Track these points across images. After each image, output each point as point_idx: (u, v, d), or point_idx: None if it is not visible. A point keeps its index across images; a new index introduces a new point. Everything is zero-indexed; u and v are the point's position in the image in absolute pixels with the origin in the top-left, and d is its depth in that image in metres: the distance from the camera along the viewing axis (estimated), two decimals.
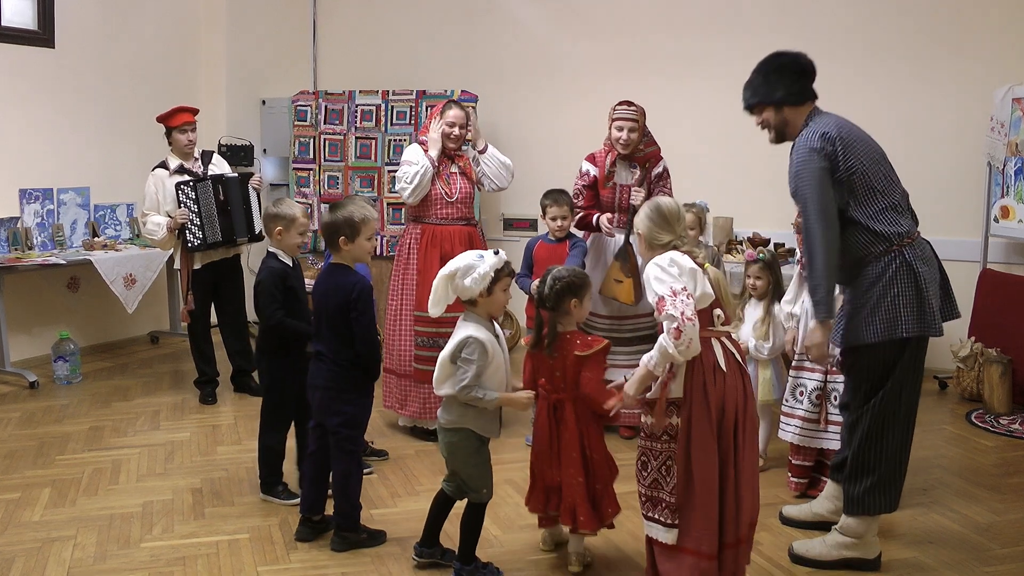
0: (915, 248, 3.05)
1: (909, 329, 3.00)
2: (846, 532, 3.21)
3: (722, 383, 2.76)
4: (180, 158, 5.18)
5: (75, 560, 3.27)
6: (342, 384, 3.32)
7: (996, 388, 5.04)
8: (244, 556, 3.31)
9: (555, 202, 4.46)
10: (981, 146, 5.57)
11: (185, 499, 3.84)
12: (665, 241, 2.88)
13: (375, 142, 6.69)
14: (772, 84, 3.19)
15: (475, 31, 7.17)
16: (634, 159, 4.48)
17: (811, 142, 3.04)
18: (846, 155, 3.02)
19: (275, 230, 3.69)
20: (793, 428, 3.85)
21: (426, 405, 4.52)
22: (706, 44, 6.42)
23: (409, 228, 4.60)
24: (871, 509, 3.14)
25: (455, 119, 4.47)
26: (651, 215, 2.92)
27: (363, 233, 3.32)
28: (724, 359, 2.78)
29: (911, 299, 3.00)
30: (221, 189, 5.07)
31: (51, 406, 5.16)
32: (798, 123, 3.18)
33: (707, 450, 2.75)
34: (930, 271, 3.06)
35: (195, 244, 5.05)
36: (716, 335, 2.81)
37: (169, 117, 5.14)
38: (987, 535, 3.52)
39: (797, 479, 3.90)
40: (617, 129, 4.43)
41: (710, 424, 2.75)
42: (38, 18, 6.00)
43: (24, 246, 5.71)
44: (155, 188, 5.11)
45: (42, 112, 6.03)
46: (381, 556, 3.31)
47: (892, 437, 3.10)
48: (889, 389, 3.06)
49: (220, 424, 4.86)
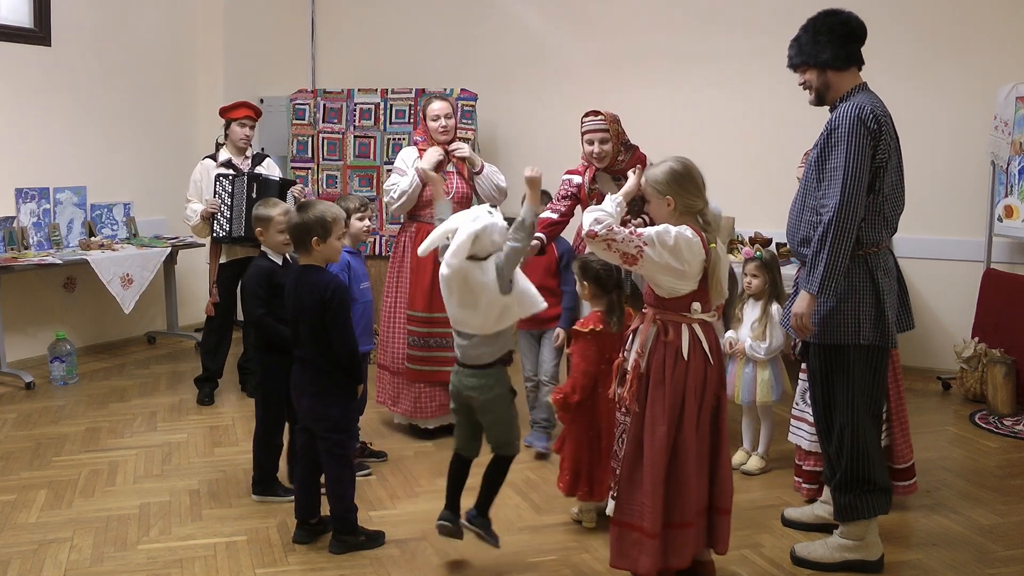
0: (879, 258, 3.03)
1: (865, 337, 3.00)
2: (847, 535, 3.19)
3: (683, 370, 2.80)
4: (232, 153, 5.25)
5: (71, 562, 3.24)
6: (326, 388, 3.30)
7: (1000, 389, 5.02)
8: (242, 558, 3.29)
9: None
10: (984, 145, 5.54)
11: (182, 501, 3.81)
12: (701, 207, 2.82)
13: (374, 141, 6.65)
14: (819, 45, 3.06)
15: (474, 29, 7.15)
16: (614, 171, 4.01)
17: (862, 113, 2.92)
18: (881, 146, 2.94)
19: (257, 230, 3.78)
20: (804, 433, 3.79)
21: (417, 404, 4.51)
22: (706, 42, 6.40)
23: (405, 226, 4.58)
24: (865, 512, 3.14)
25: (439, 111, 4.45)
26: (679, 177, 2.79)
27: (334, 232, 3.31)
28: (689, 346, 2.80)
29: (870, 308, 3.00)
30: (256, 187, 5.08)
31: (47, 407, 5.13)
32: (841, 88, 3.07)
33: (656, 431, 2.79)
34: (889, 282, 3.05)
35: (219, 235, 5.09)
36: (688, 321, 2.82)
37: (231, 110, 5.25)
38: (990, 537, 3.50)
39: (808, 484, 3.80)
40: (588, 143, 3.96)
41: (663, 406, 2.79)
42: (34, 16, 5.97)
43: (20, 246, 5.68)
44: (199, 176, 5.21)
45: (38, 111, 5.99)
46: (380, 558, 3.29)
47: (871, 445, 3.10)
48: (855, 396, 3.06)
49: (218, 425, 4.83)
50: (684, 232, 2.75)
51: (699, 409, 2.84)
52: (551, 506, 3.77)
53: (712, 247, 2.78)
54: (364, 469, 4.09)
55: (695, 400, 2.82)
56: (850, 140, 2.91)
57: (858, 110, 2.94)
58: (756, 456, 4.19)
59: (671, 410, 2.80)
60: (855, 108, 2.94)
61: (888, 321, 3.03)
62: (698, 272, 2.78)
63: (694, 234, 2.76)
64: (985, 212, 5.63)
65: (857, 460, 3.10)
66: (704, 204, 2.82)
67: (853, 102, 2.98)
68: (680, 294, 2.80)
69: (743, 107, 6.23)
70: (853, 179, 2.90)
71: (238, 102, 5.30)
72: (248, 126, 5.24)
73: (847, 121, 2.93)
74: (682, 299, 2.80)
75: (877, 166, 2.95)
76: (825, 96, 3.12)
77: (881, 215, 3.01)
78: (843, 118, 2.95)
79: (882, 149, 2.94)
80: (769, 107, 6.14)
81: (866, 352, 3.05)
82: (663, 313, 2.84)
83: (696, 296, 2.81)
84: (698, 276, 2.79)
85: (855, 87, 3.07)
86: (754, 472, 4.13)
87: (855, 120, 2.92)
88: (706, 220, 2.82)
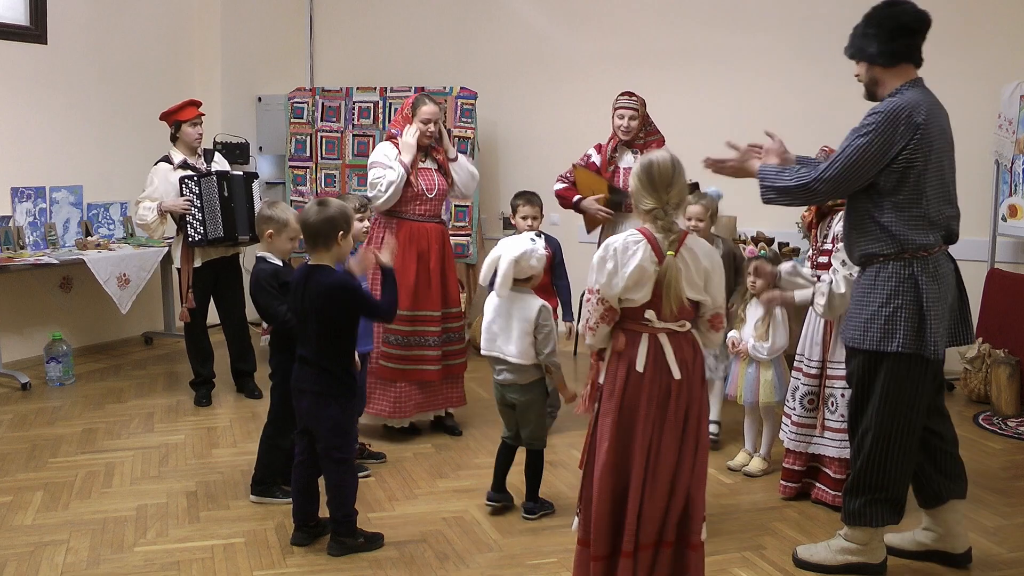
0: (927, 263, 2.91)
1: (905, 345, 2.89)
2: (851, 538, 3.14)
3: (636, 383, 2.61)
4: (186, 153, 5.14)
5: (68, 565, 3.22)
6: (328, 388, 3.27)
7: (1004, 390, 4.99)
8: (240, 560, 3.26)
9: (527, 202, 4.54)
10: (988, 144, 5.51)
11: (180, 502, 3.78)
12: (648, 207, 2.62)
13: (373, 139, 6.61)
14: (867, 38, 2.96)
15: (474, 27, 7.12)
16: (635, 146, 4.71)
17: (900, 112, 2.83)
18: (916, 147, 2.84)
19: (266, 232, 3.67)
20: (787, 430, 3.80)
21: (397, 403, 4.45)
22: (706, 40, 6.37)
23: (383, 222, 4.50)
24: (873, 521, 3.07)
25: (430, 115, 4.41)
26: (640, 172, 2.64)
27: (352, 226, 3.33)
28: (647, 358, 2.61)
29: (912, 315, 2.89)
30: (226, 186, 5.03)
31: (43, 408, 5.09)
32: (890, 85, 2.95)
33: (600, 446, 2.65)
34: (938, 289, 2.91)
35: (195, 239, 5.00)
36: (650, 331, 2.63)
37: (179, 111, 5.13)
38: (995, 539, 3.47)
39: (786, 482, 3.81)
40: (619, 117, 4.68)
41: (610, 420, 2.63)
42: (30, 14, 5.93)
43: (16, 245, 5.64)
44: (157, 182, 5.07)
45: (34, 109, 5.96)
46: (379, 560, 3.26)
47: (895, 456, 3.01)
48: (884, 404, 2.97)
49: (215, 426, 4.80)
50: (618, 242, 2.60)
51: (655, 428, 2.62)
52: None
53: (669, 254, 2.57)
54: (363, 470, 4.05)
55: (649, 418, 2.61)
56: (874, 131, 2.83)
57: (898, 107, 2.84)
58: (758, 457, 4.16)
59: (616, 426, 2.62)
60: (895, 106, 2.85)
61: (931, 330, 2.88)
62: (641, 280, 2.57)
63: (641, 239, 2.59)
64: (989, 211, 5.59)
65: (871, 465, 3.02)
66: (654, 206, 2.61)
67: (898, 100, 2.88)
68: (634, 304, 2.61)
69: (744, 105, 6.20)
70: (849, 166, 2.86)
71: (185, 102, 5.17)
72: (199, 124, 5.14)
73: (876, 119, 2.86)
74: (636, 308, 2.62)
75: (907, 166, 2.85)
76: (874, 91, 3.01)
77: (925, 217, 2.89)
78: (876, 113, 2.87)
79: (916, 148, 2.83)
80: (770, 105, 6.12)
81: (903, 361, 2.92)
82: (622, 321, 2.66)
83: (651, 305, 2.61)
84: (645, 285, 2.58)
85: (906, 83, 2.94)
86: (756, 474, 4.10)
87: (890, 118, 2.83)
88: (666, 223, 2.61)
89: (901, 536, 3.35)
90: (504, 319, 3.52)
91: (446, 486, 3.98)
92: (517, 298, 3.49)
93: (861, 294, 3.01)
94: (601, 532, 2.65)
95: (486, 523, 3.59)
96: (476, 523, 3.59)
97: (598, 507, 2.64)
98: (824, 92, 5.89)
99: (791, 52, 6.10)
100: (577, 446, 4.30)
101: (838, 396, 3.63)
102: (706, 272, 2.65)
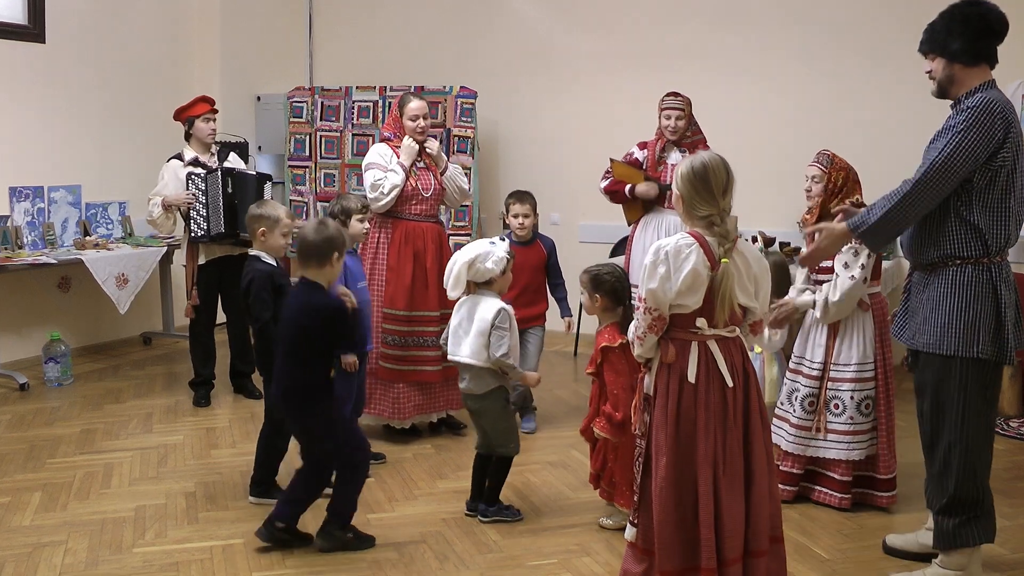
0: (1002, 268, 2.89)
1: (985, 351, 2.84)
2: (947, 564, 3.00)
3: (690, 394, 2.56)
4: (198, 150, 5.15)
5: (66, 566, 3.21)
6: (300, 405, 3.28)
7: (1006, 390, 4.97)
8: (239, 562, 3.25)
9: (519, 200, 4.58)
10: None
11: (178, 503, 3.77)
12: (704, 214, 2.55)
13: (372, 139, 6.60)
14: (952, 34, 2.88)
15: (474, 26, 7.10)
16: (682, 145, 4.72)
17: (995, 107, 2.77)
18: (1011, 144, 2.79)
19: (258, 231, 3.65)
20: (784, 433, 3.76)
21: (396, 404, 4.44)
22: (707, 39, 6.36)
23: (380, 223, 4.49)
24: (970, 541, 2.95)
25: (417, 111, 4.42)
26: (693, 178, 2.56)
27: (344, 254, 3.38)
28: (698, 368, 2.55)
29: (990, 320, 2.85)
30: (231, 182, 5.01)
31: (42, 408, 5.08)
32: (966, 84, 2.89)
33: (658, 461, 2.57)
34: (1010, 295, 2.88)
35: (198, 235, 5.00)
36: (699, 339, 2.58)
37: (191, 107, 5.13)
38: (998, 540, 3.40)
39: (784, 486, 3.72)
40: (666, 118, 4.70)
41: (664, 434, 2.57)
42: (28, 13, 5.92)
43: (14, 245, 5.63)
44: (167, 178, 5.09)
45: (32, 109, 5.95)
46: (378, 561, 3.26)
47: (982, 467, 2.94)
48: (967, 413, 2.88)
49: (214, 427, 4.79)
50: (670, 245, 2.54)
51: (717, 439, 2.55)
52: (550, 509, 3.74)
53: (724, 261, 2.52)
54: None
55: (709, 428, 2.54)
56: (972, 125, 2.77)
57: (994, 103, 2.79)
58: None
59: (672, 439, 2.55)
60: (990, 101, 2.80)
61: (1007, 335, 2.85)
62: (695, 285, 2.52)
63: (693, 242, 2.53)
64: None
65: (968, 482, 2.90)
66: (711, 212, 2.55)
67: (990, 96, 2.83)
68: (685, 311, 2.56)
69: (746, 106, 6.18)
70: (950, 162, 2.76)
71: (196, 98, 5.20)
72: (212, 120, 5.15)
73: (973, 113, 2.79)
74: (687, 316, 2.56)
75: (1000, 166, 2.80)
76: (948, 90, 2.93)
77: (1013, 216, 2.86)
78: (970, 109, 2.80)
79: (1008, 148, 2.79)
80: (773, 106, 6.12)
81: (981, 366, 2.87)
82: (670, 330, 2.59)
83: (702, 312, 2.55)
84: (699, 290, 2.53)
85: (983, 84, 2.89)
86: None
87: (988, 113, 2.78)
88: (722, 230, 2.55)
89: (904, 538, 3.33)
90: (468, 322, 3.53)
91: (446, 487, 3.97)
92: (480, 300, 3.52)
93: (936, 299, 2.91)
94: (667, 546, 2.57)
95: (487, 523, 3.58)
96: (476, 524, 3.58)
97: (661, 522, 2.57)
98: (829, 90, 5.89)
99: (792, 53, 6.09)
100: (577, 446, 4.31)
101: (846, 399, 3.62)
102: (756, 278, 2.63)
